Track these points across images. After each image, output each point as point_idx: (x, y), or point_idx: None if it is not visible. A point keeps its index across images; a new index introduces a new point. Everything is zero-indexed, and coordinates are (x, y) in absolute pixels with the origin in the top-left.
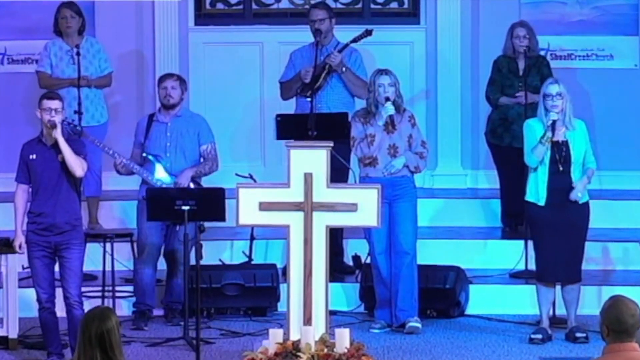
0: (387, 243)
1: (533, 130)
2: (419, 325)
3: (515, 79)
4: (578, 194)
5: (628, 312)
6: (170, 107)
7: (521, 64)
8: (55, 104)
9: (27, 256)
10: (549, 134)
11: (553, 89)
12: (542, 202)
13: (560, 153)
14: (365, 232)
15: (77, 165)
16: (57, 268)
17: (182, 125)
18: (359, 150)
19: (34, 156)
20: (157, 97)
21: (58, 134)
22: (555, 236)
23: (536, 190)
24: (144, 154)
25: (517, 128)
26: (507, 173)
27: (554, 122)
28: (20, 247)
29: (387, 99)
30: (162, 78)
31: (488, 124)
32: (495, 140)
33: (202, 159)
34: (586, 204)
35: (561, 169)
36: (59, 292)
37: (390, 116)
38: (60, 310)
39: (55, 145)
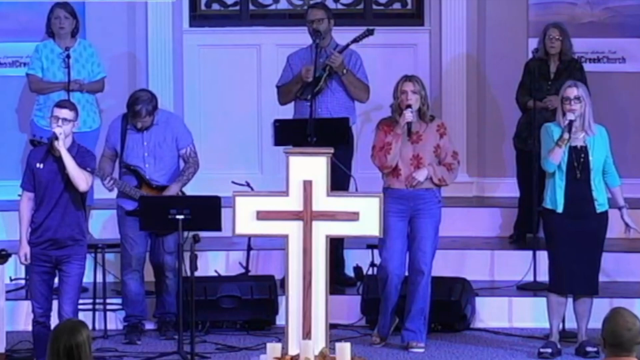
0: (404, 260)
1: (551, 133)
2: (421, 351)
3: (545, 83)
4: (636, 228)
5: (625, 326)
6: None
7: (553, 67)
8: (63, 112)
9: (26, 268)
10: (566, 135)
11: (571, 92)
12: (559, 209)
13: (578, 159)
14: (380, 245)
15: (80, 179)
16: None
17: (159, 132)
18: (377, 159)
19: (41, 165)
20: None
21: (60, 145)
22: (572, 246)
23: (554, 197)
24: (125, 165)
25: None
26: (528, 179)
27: (571, 122)
28: (25, 258)
29: (408, 106)
30: (132, 114)
31: (517, 128)
32: (520, 145)
33: (182, 163)
34: (605, 214)
35: (579, 175)
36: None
37: (409, 124)
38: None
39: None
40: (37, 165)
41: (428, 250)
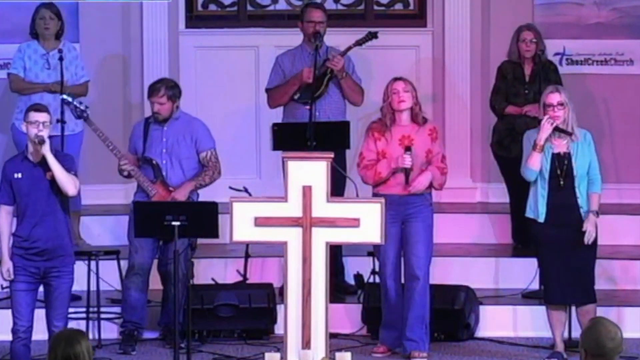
0: (398, 265)
1: (531, 141)
2: None
3: (521, 86)
4: (590, 236)
5: (608, 336)
6: (162, 121)
7: (527, 70)
8: (43, 116)
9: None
10: (542, 141)
11: (554, 97)
12: (541, 219)
13: (561, 166)
14: (375, 251)
15: (69, 184)
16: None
17: (179, 130)
18: (363, 173)
19: (19, 175)
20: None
21: (47, 150)
22: (560, 256)
23: (535, 206)
24: (144, 158)
25: None
26: (517, 186)
27: (557, 127)
28: (9, 274)
29: (407, 149)
30: (150, 92)
31: (494, 135)
32: (502, 152)
33: (202, 167)
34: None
35: (562, 183)
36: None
37: (406, 170)
38: (40, 333)
39: (43, 162)
40: (15, 175)
41: (422, 254)
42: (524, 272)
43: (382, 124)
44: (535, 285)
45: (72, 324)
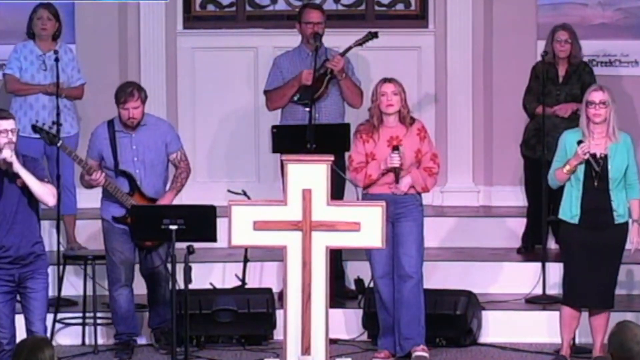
0: (390, 265)
1: (564, 146)
2: (426, 355)
3: (553, 87)
4: (638, 245)
5: (634, 339)
6: (135, 127)
7: (561, 71)
8: (10, 124)
9: None
10: (572, 166)
11: (597, 96)
12: (575, 221)
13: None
14: (366, 253)
15: (46, 195)
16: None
17: (149, 135)
18: (353, 176)
19: None
20: (118, 114)
21: (18, 167)
22: (588, 258)
23: (569, 208)
24: (119, 170)
25: (551, 140)
26: (536, 187)
27: (592, 157)
28: None
29: (395, 148)
30: (123, 97)
31: (524, 134)
32: (528, 152)
33: (175, 168)
34: (625, 225)
35: (597, 184)
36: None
37: (396, 170)
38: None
39: (9, 170)
40: None
41: (414, 253)
42: (528, 277)
43: (370, 126)
44: (539, 290)
45: (68, 330)
